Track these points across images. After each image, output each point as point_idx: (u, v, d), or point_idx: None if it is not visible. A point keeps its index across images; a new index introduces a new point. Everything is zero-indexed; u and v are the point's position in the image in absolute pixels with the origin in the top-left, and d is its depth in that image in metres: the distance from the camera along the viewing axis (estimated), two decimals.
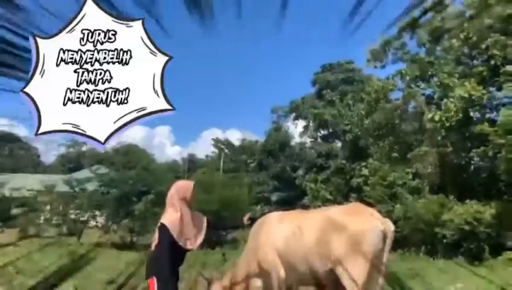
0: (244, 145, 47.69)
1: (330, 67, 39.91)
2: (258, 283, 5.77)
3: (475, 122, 18.74)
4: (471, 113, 18.86)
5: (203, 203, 17.65)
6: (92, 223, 24.69)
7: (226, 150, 49.07)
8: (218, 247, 19.14)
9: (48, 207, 26.11)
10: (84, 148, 59.77)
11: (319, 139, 40.80)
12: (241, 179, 32.59)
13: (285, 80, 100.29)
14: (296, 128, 43.59)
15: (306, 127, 41.40)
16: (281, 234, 5.67)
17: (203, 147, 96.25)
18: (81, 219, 24.26)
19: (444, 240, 16.90)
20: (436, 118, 18.89)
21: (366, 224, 5.21)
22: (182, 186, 4.84)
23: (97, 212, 24.28)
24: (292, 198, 36.64)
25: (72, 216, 24.60)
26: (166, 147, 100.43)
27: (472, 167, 19.68)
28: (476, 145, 18.19)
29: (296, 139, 42.89)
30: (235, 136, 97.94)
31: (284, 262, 5.57)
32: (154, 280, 4.29)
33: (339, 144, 37.80)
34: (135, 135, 74.60)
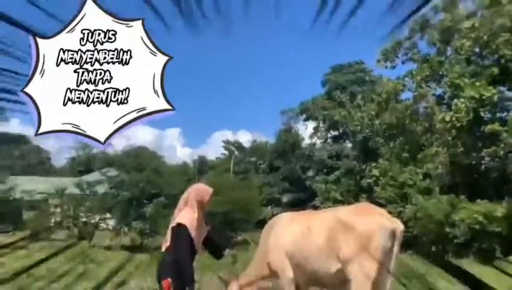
0: (254, 147, 47.56)
1: (340, 68, 39.78)
2: (268, 283, 5.76)
3: (486, 122, 18.61)
4: (482, 113, 18.71)
5: (214, 205, 17.65)
6: (103, 225, 24.78)
7: (236, 152, 48.96)
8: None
9: (59, 210, 26.23)
10: (94, 151, 59.84)
11: (329, 140, 40.77)
12: (252, 181, 32.68)
13: (295, 81, 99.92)
14: (306, 130, 43.40)
15: (316, 128, 41.32)
16: (290, 235, 5.65)
17: (214, 149, 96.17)
18: (91, 221, 24.36)
19: (455, 240, 16.80)
20: (447, 118, 18.79)
21: (374, 223, 5.17)
22: (202, 189, 4.86)
23: (108, 215, 24.37)
24: (303, 199, 36.56)
25: (83, 219, 24.69)
26: (176, 149, 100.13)
27: (483, 166, 19.54)
28: (487, 145, 18.07)
29: (306, 141, 42.70)
30: (245, 138, 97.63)
31: (293, 263, 5.55)
32: (169, 280, 4.20)
33: (349, 145, 37.76)
34: (145, 137, 74.70)
